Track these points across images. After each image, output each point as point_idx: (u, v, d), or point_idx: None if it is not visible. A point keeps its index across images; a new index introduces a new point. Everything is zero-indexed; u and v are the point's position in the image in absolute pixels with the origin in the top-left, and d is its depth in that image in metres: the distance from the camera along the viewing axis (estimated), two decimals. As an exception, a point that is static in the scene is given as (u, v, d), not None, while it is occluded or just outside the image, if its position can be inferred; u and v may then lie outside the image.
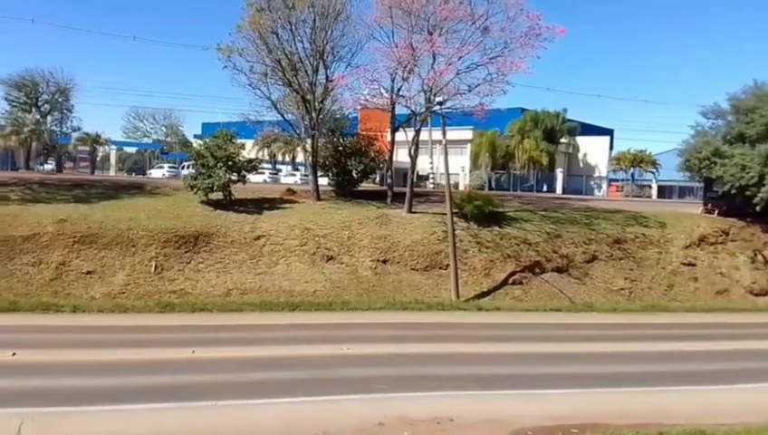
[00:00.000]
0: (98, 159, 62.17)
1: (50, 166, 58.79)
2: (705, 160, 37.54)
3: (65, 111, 62.13)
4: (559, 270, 30.94)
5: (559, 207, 38.35)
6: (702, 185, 43.72)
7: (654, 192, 60.08)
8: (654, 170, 60.68)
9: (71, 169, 61.22)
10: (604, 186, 60.91)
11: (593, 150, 62.55)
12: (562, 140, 59.74)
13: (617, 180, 62.74)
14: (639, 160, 60.31)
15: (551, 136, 57.72)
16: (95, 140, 59.43)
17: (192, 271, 27.09)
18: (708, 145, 37.94)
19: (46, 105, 60.75)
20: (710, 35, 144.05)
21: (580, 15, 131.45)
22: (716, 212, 38.47)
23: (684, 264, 32.97)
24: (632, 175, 61.96)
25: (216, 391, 14.70)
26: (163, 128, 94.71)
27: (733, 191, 36.20)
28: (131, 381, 15.37)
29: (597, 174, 62.09)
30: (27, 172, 47.17)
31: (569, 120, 59.98)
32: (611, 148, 64.90)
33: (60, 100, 60.85)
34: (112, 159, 64.73)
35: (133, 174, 61.80)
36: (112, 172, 60.77)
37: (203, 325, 21.96)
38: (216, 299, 25.56)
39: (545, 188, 56.28)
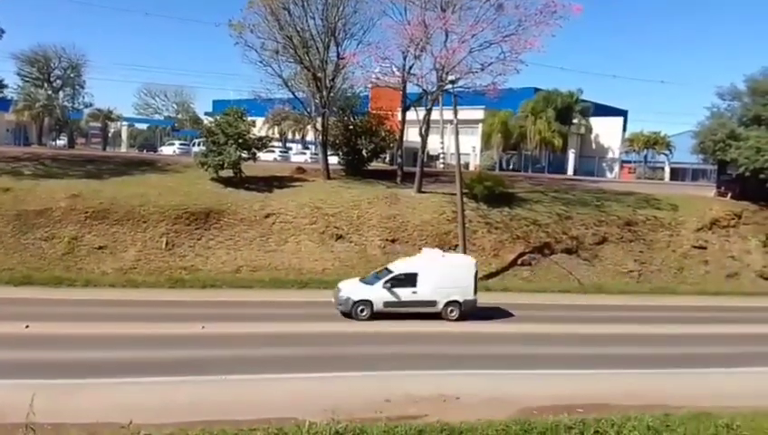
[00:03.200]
0: (109, 135, 62.34)
1: (62, 141, 59.03)
2: (720, 143, 37.09)
3: (77, 87, 62.15)
4: (568, 251, 30.87)
5: (570, 188, 38.14)
6: (716, 168, 43.26)
7: (667, 175, 59.35)
8: (667, 152, 59.92)
9: (82, 144, 61.45)
10: (616, 168, 60.29)
11: (606, 132, 61.78)
12: (575, 121, 59.10)
13: (629, 162, 62.05)
14: (653, 142, 59.49)
15: (564, 117, 57.02)
16: (107, 117, 59.55)
17: (202, 247, 27.31)
18: (724, 127, 37.45)
19: (58, 81, 60.83)
20: (729, 15, 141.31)
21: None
22: (730, 195, 38.09)
23: (695, 247, 32.78)
24: (645, 157, 61.24)
25: (225, 365, 14.92)
26: (174, 105, 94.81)
27: (747, 174, 35.84)
28: (142, 354, 15.62)
29: (609, 156, 61.42)
30: (40, 147, 47.42)
31: (582, 101, 59.25)
32: (625, 129, 64.10)
33: (72, 75, 60.85)
34: (124, 136, 64.88)
35: (144, 150, 61.91)
36: (124, 148, 60.97)
37: (213, 301, 22.21)
38: (227, 276, 25.80)
39: (557, 170, 55.85)
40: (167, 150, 54.53)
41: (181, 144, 56.98)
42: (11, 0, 34.23)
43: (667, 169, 59.59)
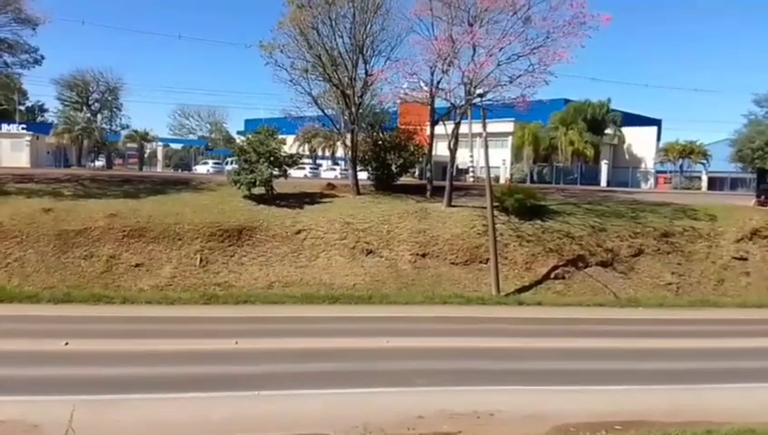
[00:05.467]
0: (145, 155, 63.99)
1: (100, 163, 60.87)
2: (759, 151, 36.32)
3: (114, 110, 64.33)
4: (603, 264, 30.27)
5: (603, 199, 37.50)
6: (755, 176, 42.13)
7: (704, 184, 58.00)
8: (704, 161, 58.59)
9: (120, 165, 63.26)
10: (651, 178, 59.21)
11: (640, 141, 60.86)
12: (607, 132, 58.31)
13: (664, 172, 60.85)
14: (689, 151, 58.25)
15: (595, 127, 56.38)
16: (143, 137, 61.25)
17: (236, 264, 27.67)
18: (762, 135, 36.66)
19: (96, 104, 62.95)
20: (763, 20, 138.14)
21: (625, 2, 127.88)
22: (770, 204, 37.03)
23: (735, 258, 31.80)
24: (681, 166, 59.96)
25: (258, 381, 15.00)
26: (208, 124, 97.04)
27: (788, 183, 34.85)
28: (178, 370, 15.82)
29: (644, 166, 60.39)
30: (79, 169, 48.91)
31: (614, 111, 58.47)
32: (659, 138, 63.01)
33: (109, 98, 62.95)
34: (159, 156, 66.50)
35: (179, 170, 63.30)
36: (159, 168, 62.39)
37: (246, 317, 22.44)
38: (259, 291, 26.04)
39: (589, 181, 55.06)
40: (201, 169, 55.74)
41: (215, 163, 58.19)
42: (47, 26, 35.53)
43: (705, 179, 58.25)
